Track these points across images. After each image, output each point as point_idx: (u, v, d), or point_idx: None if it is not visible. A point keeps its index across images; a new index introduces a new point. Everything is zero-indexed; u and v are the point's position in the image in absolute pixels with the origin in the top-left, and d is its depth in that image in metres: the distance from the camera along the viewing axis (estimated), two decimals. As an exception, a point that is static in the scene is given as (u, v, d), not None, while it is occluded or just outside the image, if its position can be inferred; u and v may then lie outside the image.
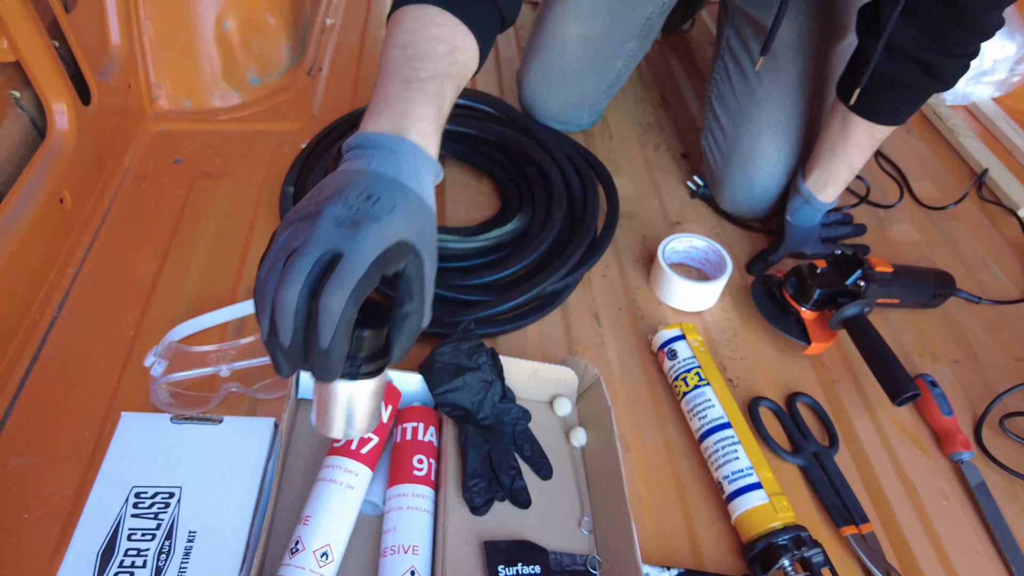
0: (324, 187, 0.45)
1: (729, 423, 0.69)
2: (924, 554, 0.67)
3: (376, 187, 0.44)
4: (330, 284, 0.40)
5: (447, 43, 0.53)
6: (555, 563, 0.61)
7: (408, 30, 0.53)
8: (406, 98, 0.49)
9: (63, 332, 0.76)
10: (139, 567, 0.56)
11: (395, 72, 0.51)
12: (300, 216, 0.44)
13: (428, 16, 0.53)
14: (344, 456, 0.62)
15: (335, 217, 0.42)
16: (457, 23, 0.54)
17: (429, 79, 0.51)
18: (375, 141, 0.47)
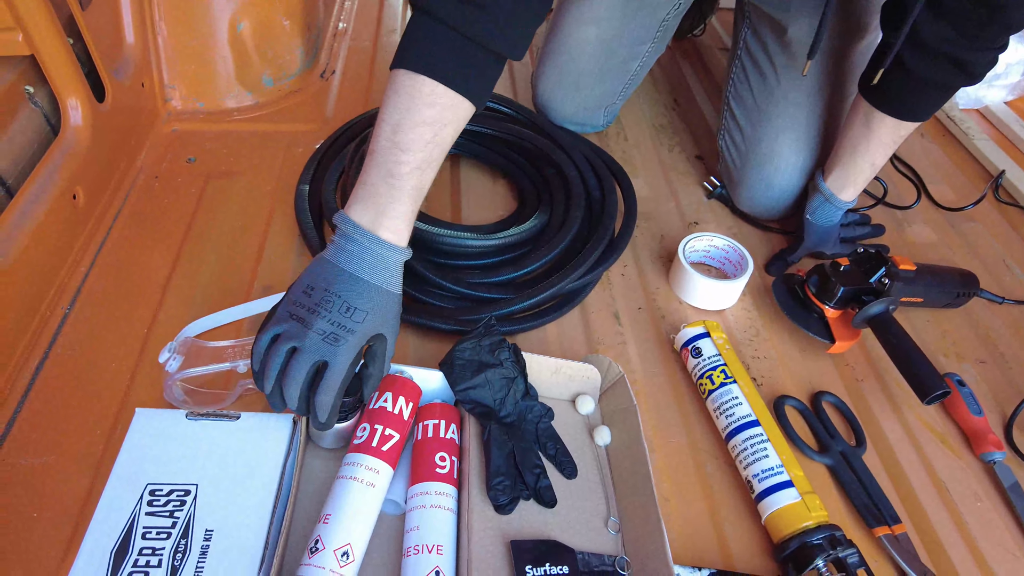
0: (314, 285, 0.58)
1: (757, 420, 0.67)
2: (959, 556, 0.66)
3: (353, 296, 0.57)
4: (322, 387, 0.56)
5: (434, 127, 0.58)
6: (583, 563, 0.59)
7: (400, 108, 0.58)
8: (386, 195, 0.58)
9: (74, 329, 0.75)
10: (154, 566, 0.54)
11: (382, 159, 0.58)
12: (294, 314, 0.57)
13: (423, 94, 0.57)
14: (365, 453, 0.60)
15: (321, 332, 0.56)
16: (453, 98, 0.58)
17: (411, 173, 0.58)
18: (356, 236, 0.58)
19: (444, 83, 0.57)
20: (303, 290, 0.58)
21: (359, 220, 0.58)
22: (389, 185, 0.58)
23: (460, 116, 0.60)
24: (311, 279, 0.58)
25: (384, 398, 0.64)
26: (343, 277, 0.57)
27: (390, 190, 0.58)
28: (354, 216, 0.58)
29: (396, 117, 0.58)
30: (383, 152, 0.58)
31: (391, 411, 0.63)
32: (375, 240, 0.58)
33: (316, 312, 0.56)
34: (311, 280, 0.58)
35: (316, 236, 0.85)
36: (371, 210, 0.58)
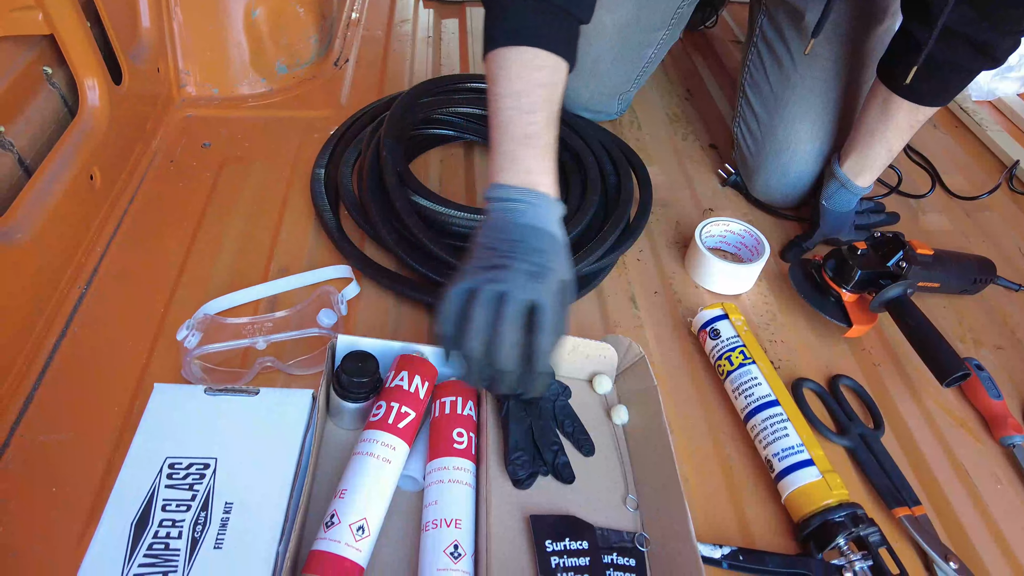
0: (494, 240, 0.57)
1: (777, 400, 0.67)
2: (980, 538, 0.65)
3: (539, 241, 0.57)
4: (543, 330, 0.53)
5: (549, 87, 0.61)
6: (602, 539, 0.59)
7: (515, 77, 0.60)
8: (528, 155, 0.60)
9: (91, 309, 0.75)
10: (174, 538, 0.54)
11: (513, 127, 0.60)
12: (486, 265, 0.55)
13: (528, 60, 0.60)
14: (381, 430, 0.60)
15: (525, 272, 0.54)
16: (554, 60, 0.61)
17: (542, 131, 0.60)
18: (516, 194, 0.58)
19: (544, 48, 0.60)
20: (485, 249, 0.57)
21: (512, 183, 0.59)
22: (528, 146, 0.60)
23: (562, 77, 0.62)
24: (488, 239, 0.58)
25: (400, 377, 0.64)
26: (521, 228, 0.57)
27: (530, 150, 0.60)
28: (507, 181, 0.59)
29: (515, 87, 0.60)
30: (511, 120, 0.60)
31: (407, 389, 0.63)
32: (535, 194, 0.59)
33: (510, 256, 0.55)
34: (488, 240, 0.58)
35: (333, 218, 0.85)
36: (520, 172, 0.59)
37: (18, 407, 0.66)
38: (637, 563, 0.59)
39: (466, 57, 1.24)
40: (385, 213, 0.81)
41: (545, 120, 0.60)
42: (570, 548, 0.58)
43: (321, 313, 0.69)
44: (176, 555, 0.53)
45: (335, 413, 0.65)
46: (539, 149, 0.60)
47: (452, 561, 0.54)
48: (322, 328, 0.68)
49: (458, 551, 0.55)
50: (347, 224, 0.86)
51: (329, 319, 0.68)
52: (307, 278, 0.79)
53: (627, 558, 0.59)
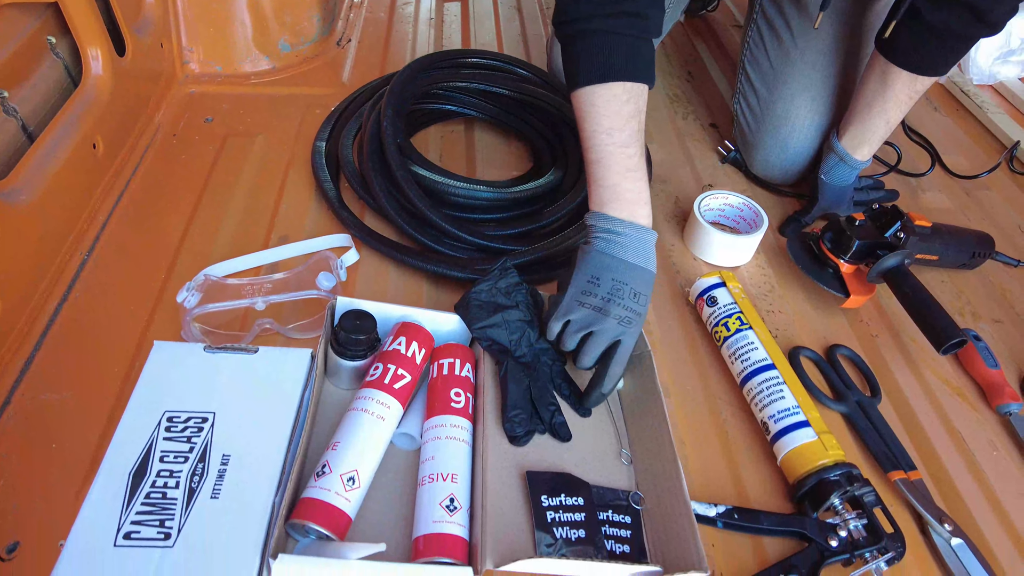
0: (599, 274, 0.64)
1: (773, 364, 0.67)
2: (976, 503, 0.65)
3: (637, 282, 0.64)
4: (616, 359, 0.63)
5: (637, 117, 0.65)
6: (597, 496, 0.59)
7: (606, 114, 0.65)
8: (631, 187, 0.65)
9: (93, 274, 0.76)
10: (171, 487, 0.54)
11: (612, 160, 0.65)
12: (588, 304, 0.63)
13: (616, 96, 0.64)
14: (377, 388, 0.61)
15: (618, 317, 0.63)
16: (638, 87, 0.65)
17: (640, 162, 0.66)
18: (619, 227, 0.65)
19: (629, 79, 0.64)
20: (588, 280, 0.64)
21: (618, 215, 0.65)
22: (630, 179, 0.65)
23: (645, 99, 0.66)
24: (592, 270, 0.64)
25: (398, 342, 0.64)
26: (623, 267, 0.64)
27: (634, 183, 0.65)
28: (612, 213, 0.65)
29: (607, 123, 0.64)
30: (610, 155, 0.65)
31: (404, 353, 0.63)
32: (638, 227, 0.65)
33: (611, 301, 0.63)
34: (592, 271, 0.64)
35: (333, 188, 0.85)
36: (624, 205, 0.65)
37: (19, 367, 0.66)
38: (632, 520, 0.59)
39: (468, 39, 1.24)
40: (385, 183, 0.81)
41: (639, 151, 0.66)
42: (566, 503, 0.58)
43: (320, 276, 0.69)
44: (173, 504, 0.53)
45: (333, 373, 0.66)
46: (639, 182, 0.65)
47: (448, 513, 0.55)
48: (320, 291, 0.68)
49: (454, 504, 0.55)
50: (348, 196, 0.87)
51: (328, 282, 0.69)
52: (307, 246, 0.79)
53: (622, 515, 0.59)
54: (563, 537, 0.55)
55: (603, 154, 0.65)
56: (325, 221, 0.84)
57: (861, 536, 0.59)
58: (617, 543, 0.57)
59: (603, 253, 0.64)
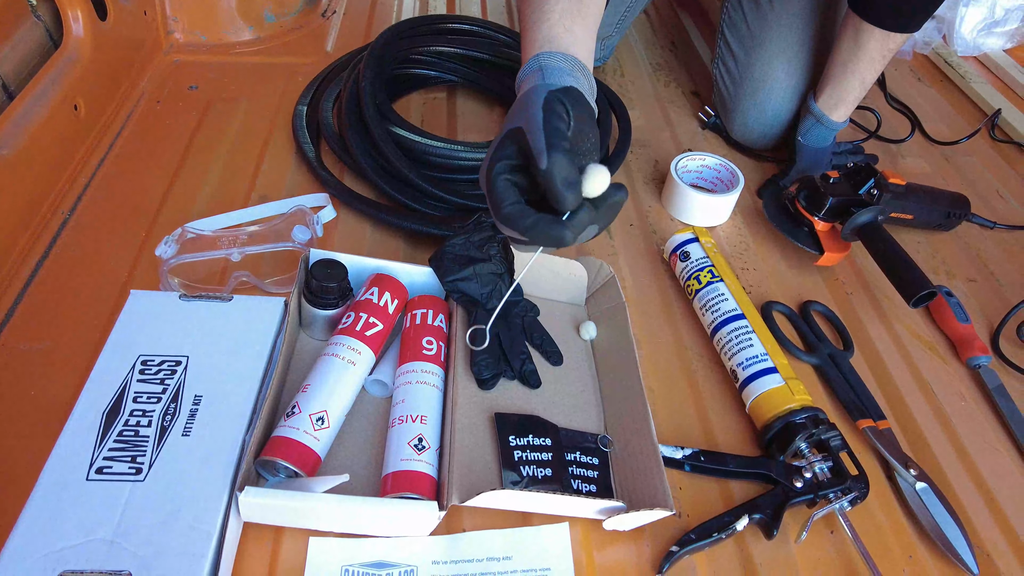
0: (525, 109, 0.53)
1: (743, 314, 0.68)
2: (942, 451, 0.66)
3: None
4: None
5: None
6: (566, 439, 0.60)
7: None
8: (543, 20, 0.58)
9: (75, 231, 0.76)
10: (144, 426, 0.55)
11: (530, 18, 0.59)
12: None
13: None
14: (348, 335, 0.62)
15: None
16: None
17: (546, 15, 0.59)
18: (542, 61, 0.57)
19: None
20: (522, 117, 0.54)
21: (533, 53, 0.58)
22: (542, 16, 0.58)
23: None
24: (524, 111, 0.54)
25: (371, 292, 0.65)
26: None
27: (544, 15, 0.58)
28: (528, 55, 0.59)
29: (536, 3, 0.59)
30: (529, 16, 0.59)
31: (376, 303, 0.64)
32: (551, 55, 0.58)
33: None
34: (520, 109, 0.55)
35: (312, 149, 0.86)
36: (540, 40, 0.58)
37: (0, 317, 0.67)
38: (600, 462, 0.60)
39: (453, 8, 1.25)
40: (363, 143, 0.82)
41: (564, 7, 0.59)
42: (533, 443, 0.59)
43: (296, 229, 0.70)
44: (145, 441, 0.54)
45: (307, 324, 0.67)
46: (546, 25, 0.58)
47: (416, 452, 0.56)
48: (295, 243, 0.69)
49: (422, 444, 0.56)
50: (328, 159, 0.88)
51: (303, 235, 0.70)
52: (286, 205, 0.80)
53: (590, 457, 0.60)
54: (529, 475, 0.56)
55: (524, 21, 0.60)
56: (305, 182, 0.85)
57: (826, 478, 0.60)
58: (584, 483, 0.58)
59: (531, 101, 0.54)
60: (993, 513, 0.62)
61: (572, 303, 0.73)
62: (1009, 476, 0.65)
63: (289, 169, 0.87)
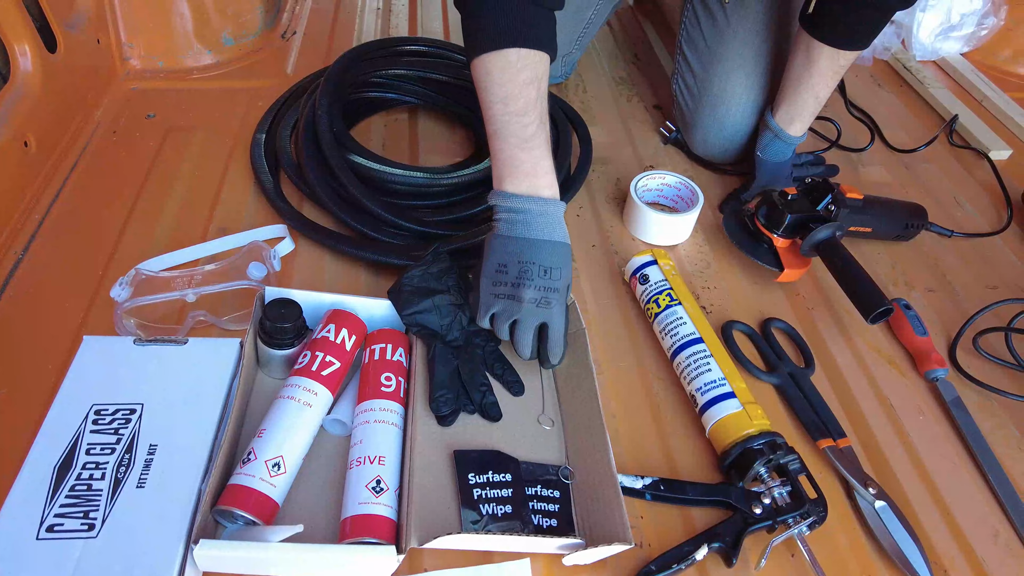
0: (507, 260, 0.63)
1: (701, 338, 0.68)
2: (902, 467, 0.67)
3: (545, 258, 0.63)
4: (551, 343, 0.64)
5: (535, 84, 0.63)
6: (527, 472, 0.60)
7: (501, 82, 0.62)
8: (528, 158, 0.63)
9: (28, 272, 0.75)
10: (97, 479, 0.54)
11: (508, 131, 0.63)
12: (502, 294, 0.63)
13: (511, 63, 0.62)
14: (304, 376, 0.61)
15: (534, 300, 0.62)
16: (534, 55, 0.62)
17: (537, 131, 0.63)
18: (523, 205, 0.63)
19: (526, 46, 0.61)
20: (496, 270, 0.63)
21: (517, 191, 0.63)
22: (526, 149, 0.63)
23: (546, 68, 0.64)
24: (499, 257, 0.63)
25: (327, 329, 0.64)
26: (527, 245, 0.63)
27: (529, 152, 0.63)
28: (510, 189, 0.63)
29: (502, 91, 0.62)
30: (505, 126, 0.63)
31: (333, 340, 0.64)
32: (539, 201, 0.63)
33: (520, 285, 0.62)
34: (499, 258, 0.63)
35: (270, 179, 0.85)
36: (522, 178, 0.63)
37: (-50, 367, 0.66)
38: (561, 494, 0.60)
39: (415, 28, 1.24)
40: (321, 172, 0.81)
41: (538, 119, 0.63)
42: (493, 480, 0.59)
43: (251, 266, 0.69)
44: (98, 495, 0.53)
45: (265, 363, 0.66)
46: (538, 149, 0.63)
47: (374, 495, 0.55)
48: (252, 281, 0.68)
49: (380, 486, 0.56)
50: (288, 188, 0.87)
51: (259, 272, 0.69)
52: (244, 238, 0.79)
53: (551, 490, 0.60)
54: (489, 513, 0.56)
55: (499, 125, 0.63)
56: (264, 212, 0.84)
57: (785, 502, 0.60)
58: (545, 517, 0.58)
59: (506, 236, 0.64)
60: (950, 528, 0.63)
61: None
62: (965, 490, 0.66)
63: (248, 199, 0.86)
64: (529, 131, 0.63)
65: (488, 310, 0.64)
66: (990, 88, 1.19)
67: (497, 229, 0.64)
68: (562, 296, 0.64)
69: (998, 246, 0.92)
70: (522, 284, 0.62)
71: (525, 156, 0.63)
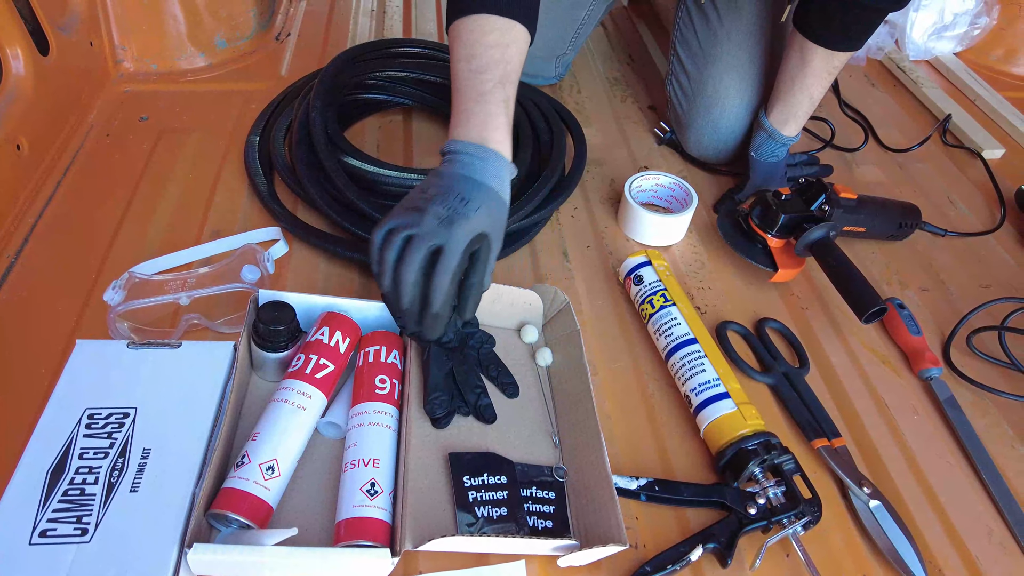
0: (430, 186, 0.60)
1: (695, 339, 0.68)
2: (896, 466, 0.67)
3: (468, 191, 0.59)
4: (439, 268, 0.56)
5: (501, 47, 0.63)
6: (522, 474, 0.60)
7: (467, 43, 0.64)
8: (482, 111, 0.62)
9: (21, 277, 0.75)
10: (90, 483, 0.54)
11: (467, 86, 0.63)
12: (410, 207, 0.58)
13: (479, 26, 0.63)
14: (297, 379, 0.61)
15: (437, 215, 0.57)
16: (505, 22, 0.64)
17: (495, 88, 0.63)
18: (465, 148, 0.61)
19: (495, 12, 0.63)
20: (419, 192, 0.60)
21: (465, 138, 0.62)
22: (481, 103, 0.62)
23: (515, 37, 0.65)
24: (426, 183, 0.61)
25: (321, 332, 0.64)
26: (459, 178, 0.60)
27: (484, 106, 0.62)
28: (460, 137, 0.62)
29: (467, 51, 0.63)
30: (465, 81, 0.63)
31: (327, 343, 0.64)
32: (485, 149, 0.61)
33: (432, 200, 0.58)
34: (426, 184, 0.61)
35: (264, 181, 0.85)
36: (474, 129, 0.62)
37: (-58, 371, 0.66)
38: (556, 495, 0.60)
39: (409, 30, 1.24)
40: (315, 174, 0.81)
41: (498, 78, 0.63)
42: (488, 483, 0.59)
43: (244, 269, 0.69)
44: (91, 499, 0.53)
45: (259, 366, 0.66)
46: (491, 105, 0.63)
47: (368, 498, 0.55)
48: (245, 283, 0.68)
49: (375, 488, 0.56)
50: (282, 190, 0.87)
51: (252, 275, 0.69)
52: (238, 240, 0.79)
53: (546, 491, 0.60)
54: (484, 515, 0.56)
55: (459, 82, 0.64)
56: (258, 215, 0.84)
57: (779, 503, 0.60)
58: (540, 519, 0.58)
59: (441, 172, 0.61)
60: (944, 527, 0.63)
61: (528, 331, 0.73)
62: (959, 489, 0.66)
63: (242, 202, 0.86)
64: (487, 87, 0.62)
65: (390, 220, 0.58)
66: (983, 87, 1.19)
67: (439, 167, 0.62)
68: (470, 227, 0.57)
69: (991, 245, 0.92)
70: (432, 199, 0.57)
71: (478, 109, 0.62)
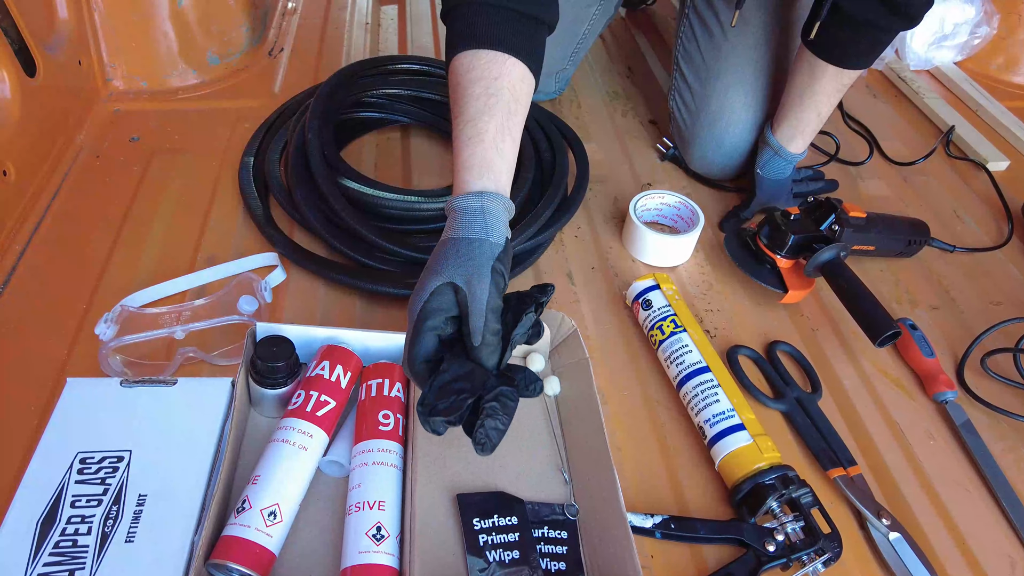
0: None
1: (708, 367, 0.67)
2: (913, 494, 0.65)
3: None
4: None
5: (483, 83, 0.58)
6: (532, 513, 0.58)
7: (456, 87, 0.59)
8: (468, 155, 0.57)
9: (9, 306, 0.72)
10: (83, 534, 0.52)
11: (458, 133, 0.58)
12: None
13: (464, 66, 0.59)
14: (298, 417, 0.59)
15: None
16: (493, 55, 0.58)
17: (484, 128, 0.57)
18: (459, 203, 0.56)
19: (486, 47, 0.58)
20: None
21: (455, 194, 0.57)
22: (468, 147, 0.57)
23: (509, 71, 0.59)
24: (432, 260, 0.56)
25: (321, 366, 0.62)
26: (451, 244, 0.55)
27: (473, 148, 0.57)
28: (454, 195, 0.57)
29: (456, 96, 0.59)
30: (456, 128, 0.58)
31: (327, 378, 0.61)
32: (480, 196, 0.56)
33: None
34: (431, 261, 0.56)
35: (260, 205, 0.83)
36: (458, 183, 0.58)
37: (-74, 411, 0.63)
38: (569, 535, 0.58)
39: (405, 45, 1.22)
40: (312, 197, 0.79)
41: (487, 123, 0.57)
42: (499, 524, 0.57)
43: (241, 300, 0.67)
44: (84, 552, 0.51)
45: (257, 402, 0.64)
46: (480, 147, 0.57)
47: (374, 543, 0.53)
48: (243, 315, 0.66)
49: (381, 533, 0.54)
50: (277, 213, 0.84)
51: (250, 306, 0.67)
52: (233, 267, 0.77)
53: (558, 531, 0.58)
54: (496, 560, 0.54)
55: (454, 129, 0.58)
56: (253, 239, 0.82)
57: (798, 539, 0.58)
58: (553, 560, 0.56)
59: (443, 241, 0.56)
60: (966, 558, 0.61)
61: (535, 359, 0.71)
62: (979, 516, 0.64)
63: (236, 225, 0.83)
64: (475, 128, 0.57)
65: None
66: (984, 97, 1.18)
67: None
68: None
69: (1000, 260, 0.91)
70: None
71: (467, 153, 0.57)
